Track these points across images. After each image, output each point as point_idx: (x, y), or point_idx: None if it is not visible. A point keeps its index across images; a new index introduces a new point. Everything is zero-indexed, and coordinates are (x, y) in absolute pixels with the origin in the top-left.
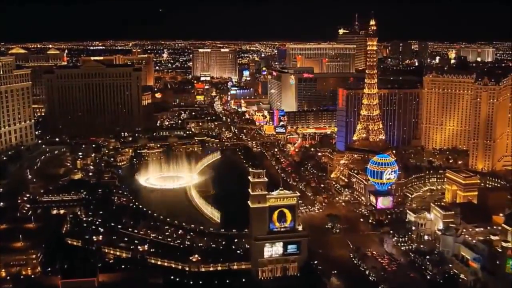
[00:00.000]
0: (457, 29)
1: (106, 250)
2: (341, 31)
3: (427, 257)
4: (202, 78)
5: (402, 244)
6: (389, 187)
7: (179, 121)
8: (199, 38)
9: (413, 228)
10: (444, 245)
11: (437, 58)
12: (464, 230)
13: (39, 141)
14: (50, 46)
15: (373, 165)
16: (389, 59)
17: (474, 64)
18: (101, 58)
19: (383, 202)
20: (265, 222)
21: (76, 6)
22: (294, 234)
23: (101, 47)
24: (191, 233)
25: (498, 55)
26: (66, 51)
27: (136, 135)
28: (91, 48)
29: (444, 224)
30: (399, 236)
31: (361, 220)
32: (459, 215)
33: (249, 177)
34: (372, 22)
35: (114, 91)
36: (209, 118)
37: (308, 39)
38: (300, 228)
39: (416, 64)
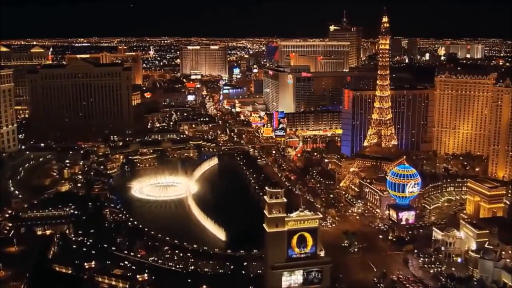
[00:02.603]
0: (442, 26)
1: (100, 279)
2: (331, 28)
3: (464, 284)
4: (192, 77)
5: (429, 265)
6: (411, 200)
7: (171, 123)
8: (185, 35)
9: (442, 248)
10: (483, 270)
11: (427, 54)
12: (503, 252)
13: (23, 147)
14: (34, 43)
15: (394, 177)
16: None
17: (464, 61)
18: (87, 56)
19: (405, 217)
20: (283, 248)
21: (61, 2)
22: (315, 261)
23: (86, 44)
24: (195, 255)
25: (485, 51)
26: (50, 49)
27: (127, 139)
28: (76, 45)
29: (478, 244)
30: (424, 256)
31: (380, 236)
32: (496, 235)
33: (265, 198)
34: (385, 19)
35: (102, 92)
36: (202, 119)
37: (296, 35)
38: (322, 253)
39: (407, 60)
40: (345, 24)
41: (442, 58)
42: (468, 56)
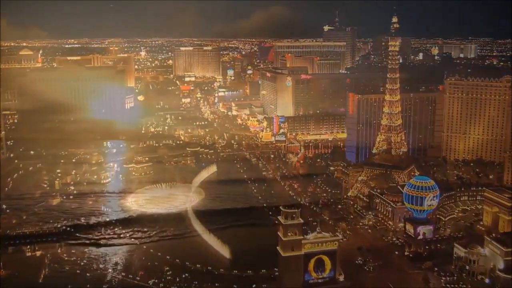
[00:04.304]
0: (433, 25)
1: None
2: (325, 28)
3: None
4: (186, 79)
5: (453, 285)
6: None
7: (166, 127)
8: (176, 36)
9: (467, 267)
10: None
11: (420, 54)
12: None
13: (11, 155)
14: (24, 44)
15: (411, 189)
16: (372, 56)
17: (458, 61)
18: (78, 58)
19: (423, 232)
20: (300, 272)
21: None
22: (334, 286)
23: (77, 45)
24: (198, 276)
25: (478, 51)
26: (40, 51)
27: (121, 145)
28: (66, 46)
29: (506, 263)
30: (446, 275)
31: (396, 252)
32: None
33: (280, 218)
34: (394, 19)
35: (95, 95)
36: (198, 123)
37: (287, 36)
38: (341, 278)
39: (401, 60)
40: (337, 24)
41: (436, 57)
42: (461, 55)
